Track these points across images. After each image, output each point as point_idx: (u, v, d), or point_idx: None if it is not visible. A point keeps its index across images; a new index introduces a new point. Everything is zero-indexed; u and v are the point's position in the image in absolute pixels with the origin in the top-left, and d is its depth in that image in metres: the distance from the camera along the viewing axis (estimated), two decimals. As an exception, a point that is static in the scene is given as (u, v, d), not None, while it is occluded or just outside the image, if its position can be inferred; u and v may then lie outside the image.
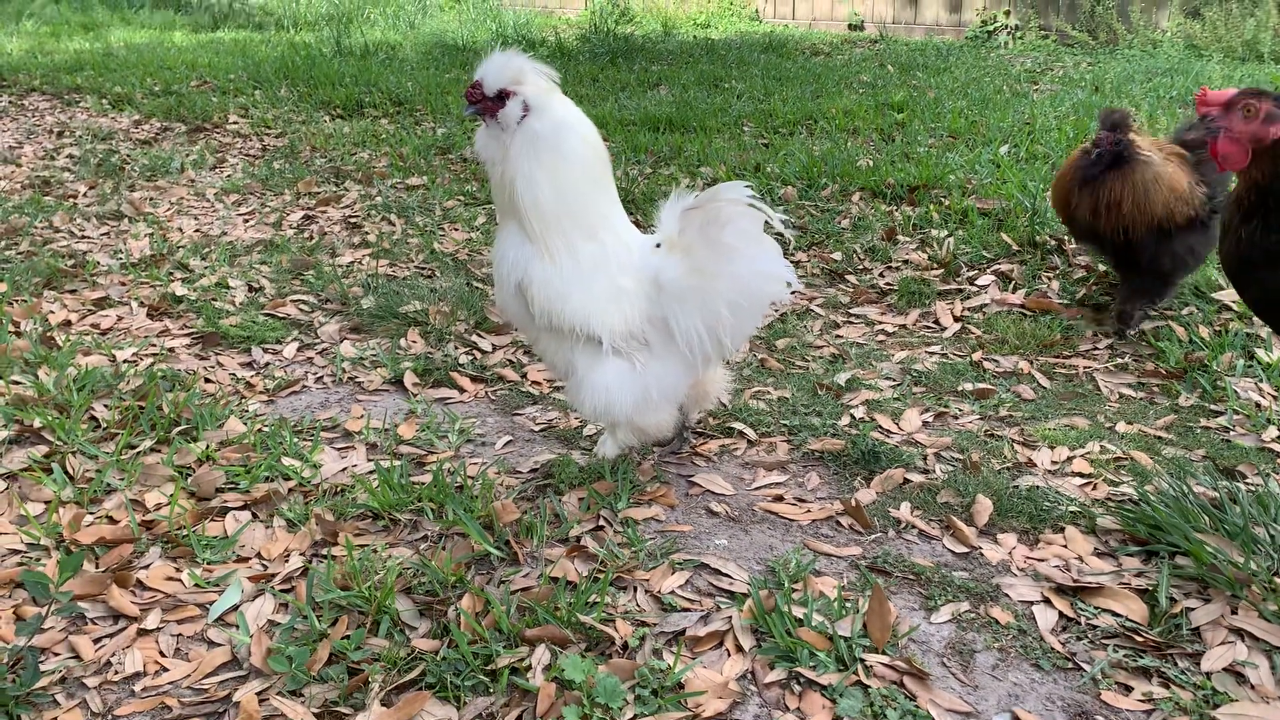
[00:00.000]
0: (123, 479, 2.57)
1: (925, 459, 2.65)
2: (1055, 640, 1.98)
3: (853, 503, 2.43)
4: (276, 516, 2.43)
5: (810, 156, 5.32)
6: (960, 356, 3.31)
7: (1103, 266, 3.76)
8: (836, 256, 4.16)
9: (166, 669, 1.96)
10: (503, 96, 2.25)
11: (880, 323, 3.61)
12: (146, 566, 2.25)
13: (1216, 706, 1.78)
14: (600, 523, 2.39)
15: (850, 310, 3.73)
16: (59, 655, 1.99)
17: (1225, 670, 1.87)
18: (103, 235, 4.74)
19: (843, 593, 2.08)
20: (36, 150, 6.50)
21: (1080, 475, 2.56)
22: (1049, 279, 3.82)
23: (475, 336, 3.52)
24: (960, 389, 3.07)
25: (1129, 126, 3.20)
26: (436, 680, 1.87)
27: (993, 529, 2.35)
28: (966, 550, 2.28)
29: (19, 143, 6.73)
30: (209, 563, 2.27)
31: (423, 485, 2.51)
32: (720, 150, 5.68)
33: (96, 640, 2.03)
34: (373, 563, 2.20)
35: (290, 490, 2.55)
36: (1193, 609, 2.01)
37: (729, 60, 8.85)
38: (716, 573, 2.20)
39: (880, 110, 6.52)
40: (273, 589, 2.16)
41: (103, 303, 3.88)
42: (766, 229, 2.29)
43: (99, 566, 2.24)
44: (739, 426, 2.85)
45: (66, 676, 1.94)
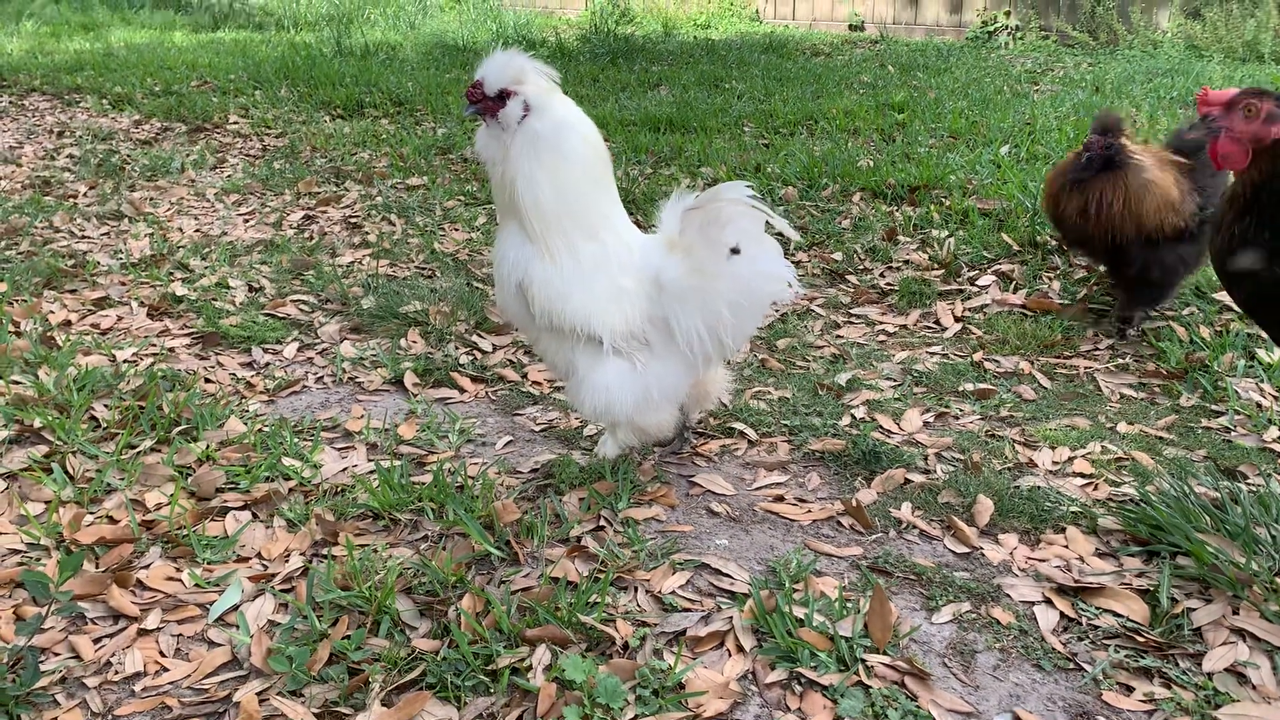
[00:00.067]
0: (123, 479, 2.57)
1: (926, 459, 2.65)
2: (1056, 640, 1.97)
3: (854, 503, 2.43)
4: (277, 516, 2.43)
5: (811, 157, 5.32)
6: (961, 357, 3.30)
7: (1103, 267, 3.75)
8: (837, 257, 4.16)
9: (167, 669, 1.96)
10: (503, 96, 2.25)
11: (881, 323, 3.61)
12: (147, 566, 2.25)
13: (1218, 707, 1.78)
14: (601, 523, 2.39)
15: (851, 310, 3.73)
16: (59, 655, 1.99)
17: (1227, 671, 1.87)
18: (103, 235, 4.74)
19: (844, 593, 2.08)
20: (37, 150, 6.50)
21: (1081, 475, 2.56)
22: (1050, 279, 3.82)
23: (476, 336, 3.52)
24: (961, 389, 3.07)
25: (1120, 130, 3.19)
26: (437, 680, 1.87)
27: (994, 529, 2.35)
28: (967, 550, 2.28)
29: (19, 143, 6.73)
30: (209, 563, 2.27)
31: (423, 485, 2.51)
32: (721, 151, 5.68)
33: (96, 640, 2.03)
34: (373, 563, 2.20)
35: (290, 490, 2.55)
36: (1194, 609, 2.01)
37: (729, 61, 8.85)
38: (717, 573, 2.19)
39: (881, 111, 6.52)
40: (273, 589, 2.16)
41: (103, 303, 3.88)
42: (769, 229, 2.29)
43: (99, 566, 2.24)
44: (740, 426, 2.85)
45: (66, 676, 1.94)
